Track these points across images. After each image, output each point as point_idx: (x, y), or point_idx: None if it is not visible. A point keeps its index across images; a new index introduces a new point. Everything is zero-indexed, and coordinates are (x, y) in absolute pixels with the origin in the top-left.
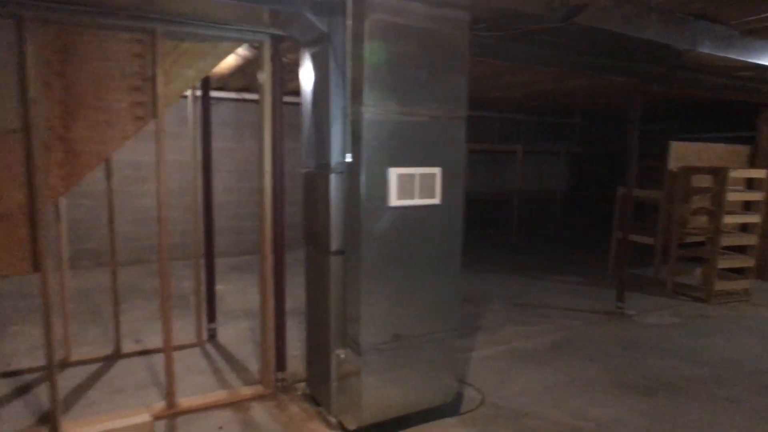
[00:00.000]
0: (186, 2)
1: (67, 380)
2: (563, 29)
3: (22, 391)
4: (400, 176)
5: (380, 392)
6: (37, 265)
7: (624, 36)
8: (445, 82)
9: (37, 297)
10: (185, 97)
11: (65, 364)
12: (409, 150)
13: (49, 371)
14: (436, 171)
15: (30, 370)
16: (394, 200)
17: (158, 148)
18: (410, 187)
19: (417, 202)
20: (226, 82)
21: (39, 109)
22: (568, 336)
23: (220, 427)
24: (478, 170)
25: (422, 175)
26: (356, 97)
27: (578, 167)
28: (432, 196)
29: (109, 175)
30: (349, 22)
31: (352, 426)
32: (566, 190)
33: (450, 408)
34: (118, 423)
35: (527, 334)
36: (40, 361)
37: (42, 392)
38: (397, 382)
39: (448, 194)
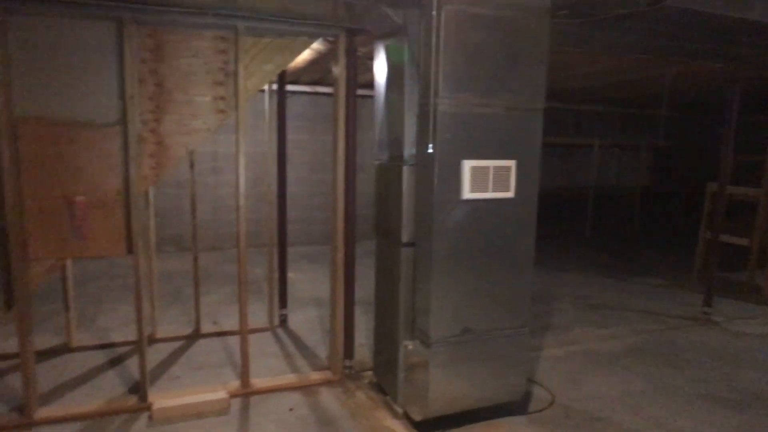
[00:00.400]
0: None
1: (154, 355)
2: (651, 13)
3: (115, 362)
4: (474, 169)
5: (447, 385)
6: (130, 248)
7: (721, 17)
8: (522, 73)
9: (126, 277)
10: (262, 91)
11: (152, 341)
12: (483, 142)
13: (140, 346)
14: (511, 164)
15: (122, 344)
16: (467, 193)
17: (238, 140)
18: (484, 180)
19: (490, 195)
20: (299, 75)
21: (134, 103)
22: (647, 340)
23: (291, 409)
24: (551, 164)
25: (496, 168)
26: (431, 89)
27: (662, 162)
28: (506, 190)
29: (192, 165)
30: (426, 13)
31: (417, 417)
32: (648, 186)
33: (518, 406)
34: (198, 398)
35: (600, 336)
36: (130, 336)
37: (132, 364)
38: (464, 376)
39: (522, 188)
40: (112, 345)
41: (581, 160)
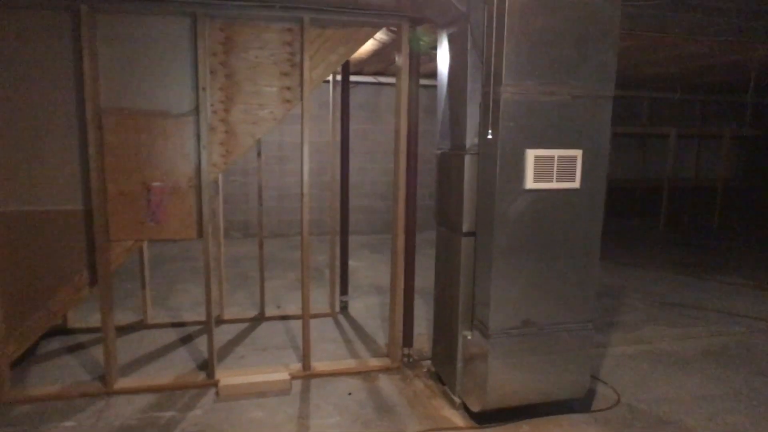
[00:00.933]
0: None
1: (221, 335)
2: None
3: (186, 340)
4: (538, 158)
5: (506, 378)
6: (200, 232)
7: None
8: (590, 59)
9: (197, 260)
10: (327, 81)
11: (219, 321)
12: (548, 131)
13: (208, 326)
14: (577, 154)
15: (192, 323)
16: (530, 183)
17: (303, 129)
18: (548, 169)
19: (555, 185)
20: (362, 66)
21: (206, 94)
22: (727, 343)
23: (350, 393)
24: (622, 155)
25: (561, 158)
26: (494, 76)
27: (748, 152)
28: (571, 180)
29: (259, 153)
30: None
31: (475, 408)
32: (731, 178)
33: (581, 404)
34: (262, 377)
35: (673, 336)
36: (200, 316)
37: (201, 343)
38: (524, 369)
39: (588, 178)
40: (183, 324)
41: (656, 150)
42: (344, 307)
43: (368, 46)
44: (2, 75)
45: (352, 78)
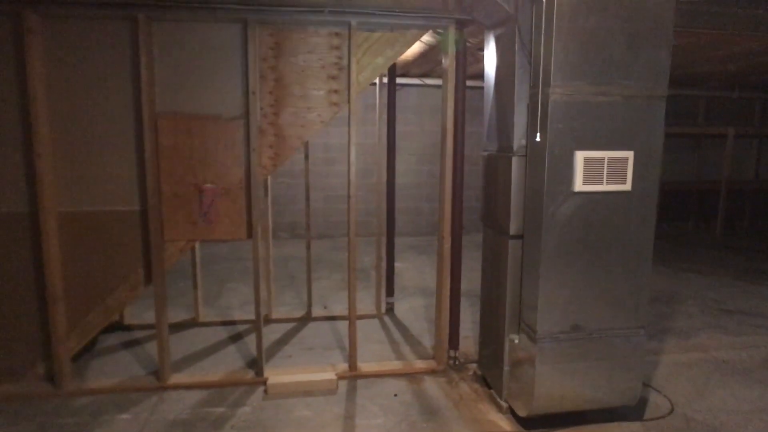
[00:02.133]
0: None
1: (269, 334)
2: None
3: (236, 338)
4: (587, 160)
5: (554, 383)
6: (250, 233)
7: None
8: (643, 58)
9: (247, 260)
10: (373, 84)
11: (267, 321)
12: (598, 132)
13: (257, 326)
14: (628, 155)
15: (241, 322)
16: (579, 185)
17: (350, 131)
18: (598, 172)
19: (605, 188)
20: (409, 68)
21: (256, 98)
22: None
23: (396, 395)
24: (677, 156)
25: (612, 160)
26: (542, 77)
27: None
28: (622, 182)
29: (307, 156)
30: (537, 0)
31: (522, 413)
32: None
33: (632, 412)
34: (309, 377)
35: (732, 344)
36: (248, 314)
37: (250, 341)
38: (573, 374)
39: (640, 181)
40: (233, 322)
41: (712, 151)
42: (390, 309)
43: (415, 48)
44: (66, 82)
45: (399, 80)
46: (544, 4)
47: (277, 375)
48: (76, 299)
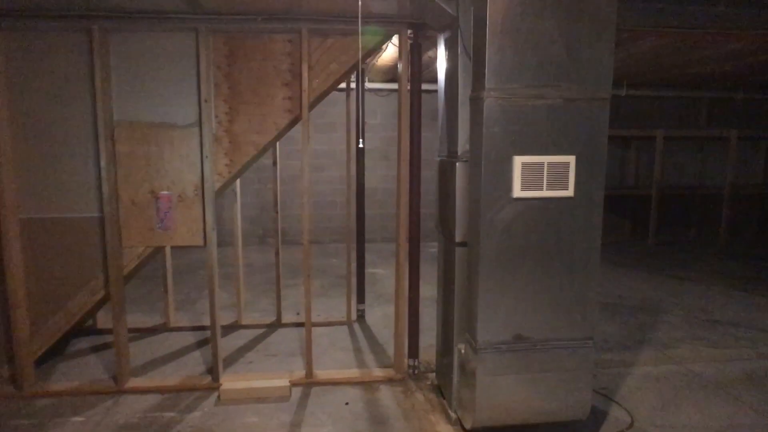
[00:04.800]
0: (328, 1)
1: (235, 340)
2: None
3: (203, 344)
4: (526, 165)
5: (498, 395)
6: (205, 240)
7: None
8: (583, 60)
9: (230, 266)
10: (341, 89)
11: (237, 326)
12: (537, 137)
13: (212, 332)
14: (570, 160)
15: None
16: (518, 191)
17: (303, 138)
18: (538, 177)
19: (545, 193)
20: (393, 74)
21: (209, 106)
22: None
23: (347, 403)
24: (677, 160)
25: (552, 164)
26: (477, 80)
27: None
28: (564, 188)
29: (275, 162)
30: (475, 1)
31: (467, 425)
32: None
33: (586, 426)
34: (263, 383)
35: (711, 357)
36: (221, 320)
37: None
38: (517, 387)
39: (583, 186)
40: (203, 328)
41: (715, 155)
42: (361, 316)
43: (391, 53)
44: (27, 92)
45: (386, 86)
46: (478, 5)
47: (231, 381)
48: (38, 304)
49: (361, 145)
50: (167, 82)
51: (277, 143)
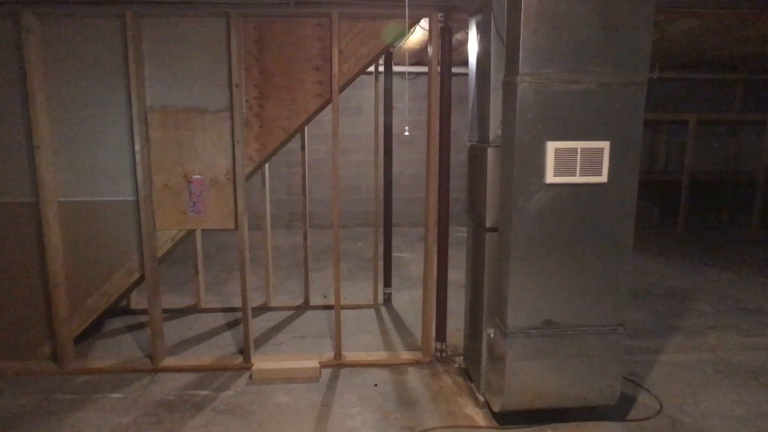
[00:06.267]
0: None
1: (265, 322)
2: None
3: (233, 324)
4: (559, 151)
5: (527, 379)
6: (237, 223)
7: None
8: (620, 43)
9: (259, 249)
10: (369, 73)
11: (266, 308)
12: (571, 122)
13: (244, 312)
14: (604, 146)
15: (241, 309)
16: (551, 177)
17: (334, 122)
18: (570, 163)
19: (578, 179)
20: (422, 56)
21: (240, 91)
22: None
23: (376, 385)
24: (710, 145)
25: (585, 150)
26: (510, 65)
27: None
28: (597, 174)
29: (303, 146)
30: None
31: (496, 408)
32: None
33: (615, 411)
34: (293, 364)
35: (742, 345)
36: (253, 302)
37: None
38: (546, 371)
39: (617, 172)
40: (233, 309)
41: (750, 140)
42: (387, 299)
43: (419, 35)
44: (63, 78)
45: (413, 69)
46: None
47: (262, 361)
48: (77, 284)
49: (407, 133)
50: (198, 68)
51: (305, 127)
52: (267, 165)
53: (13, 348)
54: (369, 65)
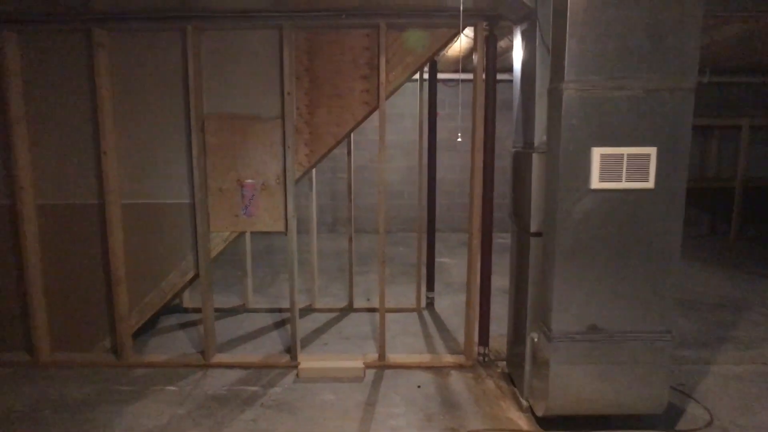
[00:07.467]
0: None
1: (310, 323)
2: None
3: (279, 325)
4: (605, 157)
5: (571, 384)
6: (286, 226)
7: None
8: (667, 49)
9: (303, 252)
10: (415, 80)
11: (311, 310)
12: (617, 128)
13: (292, 313)
14: (651, 152)
15: (287, 309)
16: (596, 183)
17: (381, 129)
18: (616, 169)
19: (624, 185)
20: (465, 63)
21: (291, 99)
22: None
23: (419, 386)
24: (756, 150)
25: (631, 156)
26: (556, 72)
27: None
28: (644, 180)
29: (349, 152)
30: None
31: (539, 412)
32: None
33: (662, 421)
34: (338, 364)
35: None
36: (299, 304)
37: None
38: (592, 377)
39: (664, 178)
40: (279, 310)
41: None
42: (430, 303)
43: (463, 43)
44: (125, 86)
45: (458, 76)
46: None
47: (309, 360)
48: (136, 282)
49: (459, 139)
50: (251, 77)
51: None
52: (313, 171)
53: (77, 341)
54: (414, 73)
